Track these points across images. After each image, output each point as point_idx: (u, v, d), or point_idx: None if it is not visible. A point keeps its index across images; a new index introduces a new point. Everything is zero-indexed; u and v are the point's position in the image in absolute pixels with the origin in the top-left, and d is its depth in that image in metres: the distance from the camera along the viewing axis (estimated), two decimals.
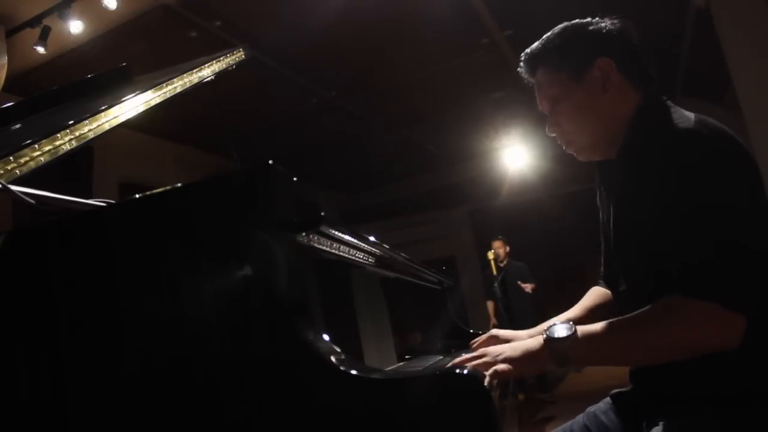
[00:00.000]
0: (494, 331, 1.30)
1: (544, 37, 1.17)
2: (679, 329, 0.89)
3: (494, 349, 0.96)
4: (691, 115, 1.02)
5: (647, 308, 0.93)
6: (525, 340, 1.00)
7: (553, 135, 1.19)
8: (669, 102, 1.09)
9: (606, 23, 1.13)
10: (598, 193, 1.27)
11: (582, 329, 0.94)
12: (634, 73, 1.11)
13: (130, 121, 1.35)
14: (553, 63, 1.14)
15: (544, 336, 0.94)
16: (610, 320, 0.96)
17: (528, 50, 1.18)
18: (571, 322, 0.95)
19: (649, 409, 1.05)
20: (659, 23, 5.16)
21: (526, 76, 1.21)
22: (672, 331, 0.90)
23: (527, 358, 0.94)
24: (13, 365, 0.83)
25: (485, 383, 0.80)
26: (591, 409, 1.21)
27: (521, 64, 1.20)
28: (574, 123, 1.14)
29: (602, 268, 1.32)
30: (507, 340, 1.23)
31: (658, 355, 0.94)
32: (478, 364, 0.93)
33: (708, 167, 0.93)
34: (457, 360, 0.99)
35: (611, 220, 1.12)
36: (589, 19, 1.15)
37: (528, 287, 5.85)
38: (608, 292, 1.31)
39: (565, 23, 1.16)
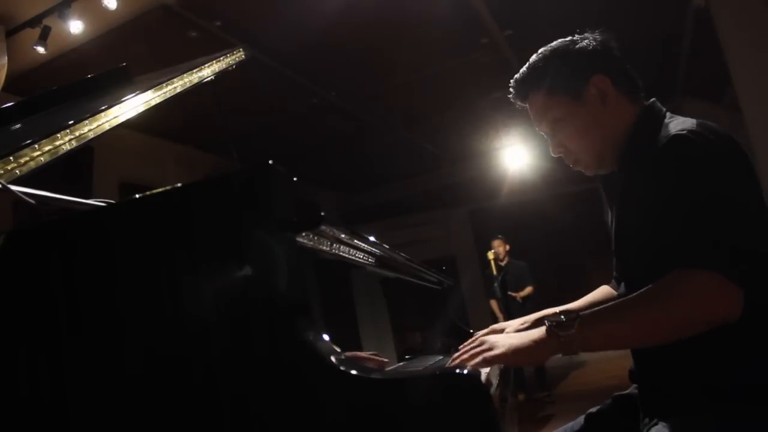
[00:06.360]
0: (494, 327, 1.33)
1: (529, 61, 1.16)
2: (683, 299, 0.89)
3: (497, 338, 0.96)
4: (688, 119, 1.03)
5: (649, 287, 0.92)
6: (526, 330, 0.99)
7: (559, 156, 1.19)
8: (665, 110, 1.10)
9: (588, 40, 1.13)
10: (605, 201, 1.28)
11: (585, 313, 0.95)
12: (626, 84, 1.12)
13: (130, 121, 1.35)
14: (546, 87, 1.14)
15: (547, 324, 0.93)
16: (612, 303, 0.97)
17: (517, 76, 1.18)
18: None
19: (649, 406, 1.06)
20: (659, 23, 5.17)
21: (517, 102, 1.20)
22: (676, 303, 0.90)
23: (534, 346, 0.92)
24: (14, 365, 0.83)
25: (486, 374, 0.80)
26: (592, 410, 1.21)
27: (511, 90, 1.19)
28: (579, 142, 1.14)
29: (615, 271, 1.33)
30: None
31: (664, 332, 0.93)
32: (476, 352, 0.93)
33: (707, 165, 0.94)
34: (462, 349, 0.99)
35: (613, 226, 1.14)
36: (570, 39, 1.15)
37: (518, 297, 5.77)
38: (615, 292, 1.32)
39: (547, 47, 1.16)
